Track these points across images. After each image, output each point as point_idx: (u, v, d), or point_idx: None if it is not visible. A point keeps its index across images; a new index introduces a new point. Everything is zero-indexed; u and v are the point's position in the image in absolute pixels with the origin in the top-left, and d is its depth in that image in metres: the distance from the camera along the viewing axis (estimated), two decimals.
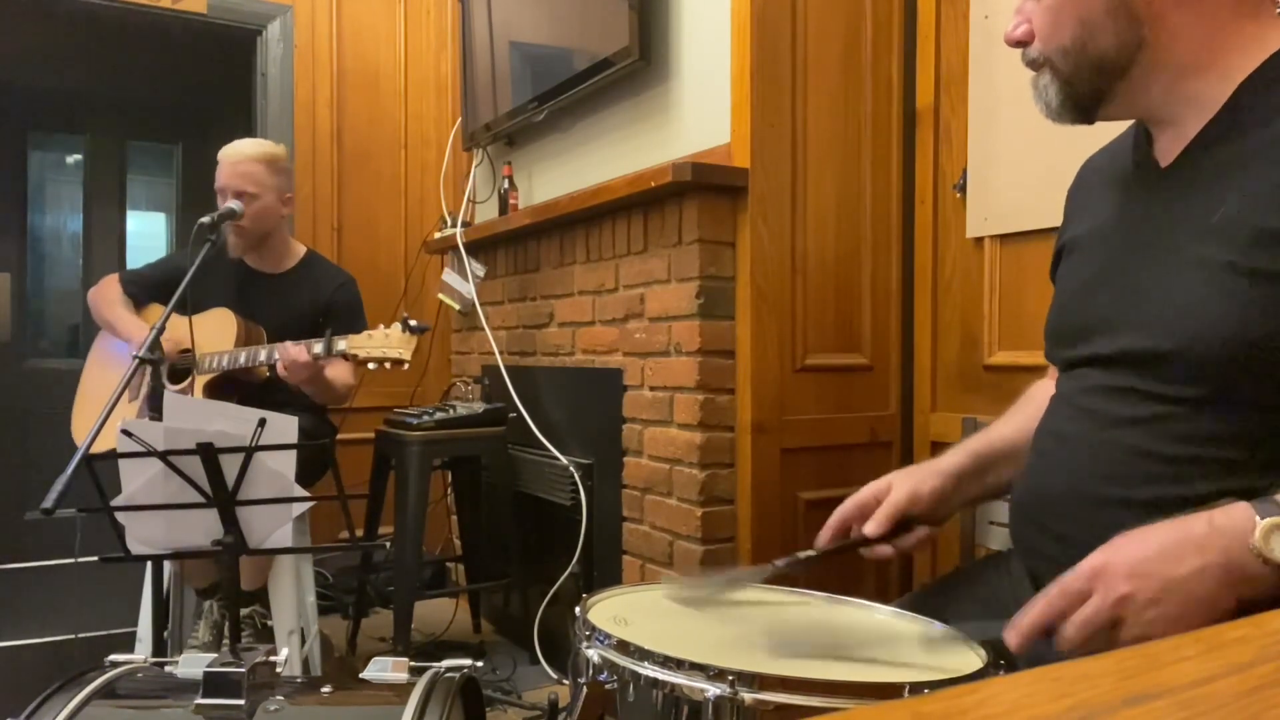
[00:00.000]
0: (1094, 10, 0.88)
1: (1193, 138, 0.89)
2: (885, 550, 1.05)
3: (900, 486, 1.06)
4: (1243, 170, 0.84)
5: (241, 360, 2.14)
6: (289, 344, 2.06)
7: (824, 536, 1.09)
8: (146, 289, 2.40)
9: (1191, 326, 0.83)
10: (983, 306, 1.92)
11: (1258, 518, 0.71)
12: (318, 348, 2.02)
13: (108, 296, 2.38)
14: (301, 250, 2.47)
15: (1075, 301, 1.00)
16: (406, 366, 1.98)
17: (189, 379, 2.21)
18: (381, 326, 1.97)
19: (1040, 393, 1.10)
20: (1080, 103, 0.93)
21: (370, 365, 1.96)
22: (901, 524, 1.05)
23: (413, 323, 1.96)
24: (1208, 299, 0.82)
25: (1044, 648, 0.77)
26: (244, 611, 2.28)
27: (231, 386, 2.22)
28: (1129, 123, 1.03)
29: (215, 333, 2.23)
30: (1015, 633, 0.78)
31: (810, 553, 1.05)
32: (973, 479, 1.09)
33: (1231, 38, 0.86)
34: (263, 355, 2.11)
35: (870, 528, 1.04)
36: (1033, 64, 0.94)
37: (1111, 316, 0.92)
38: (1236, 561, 0.71)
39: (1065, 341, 1.00)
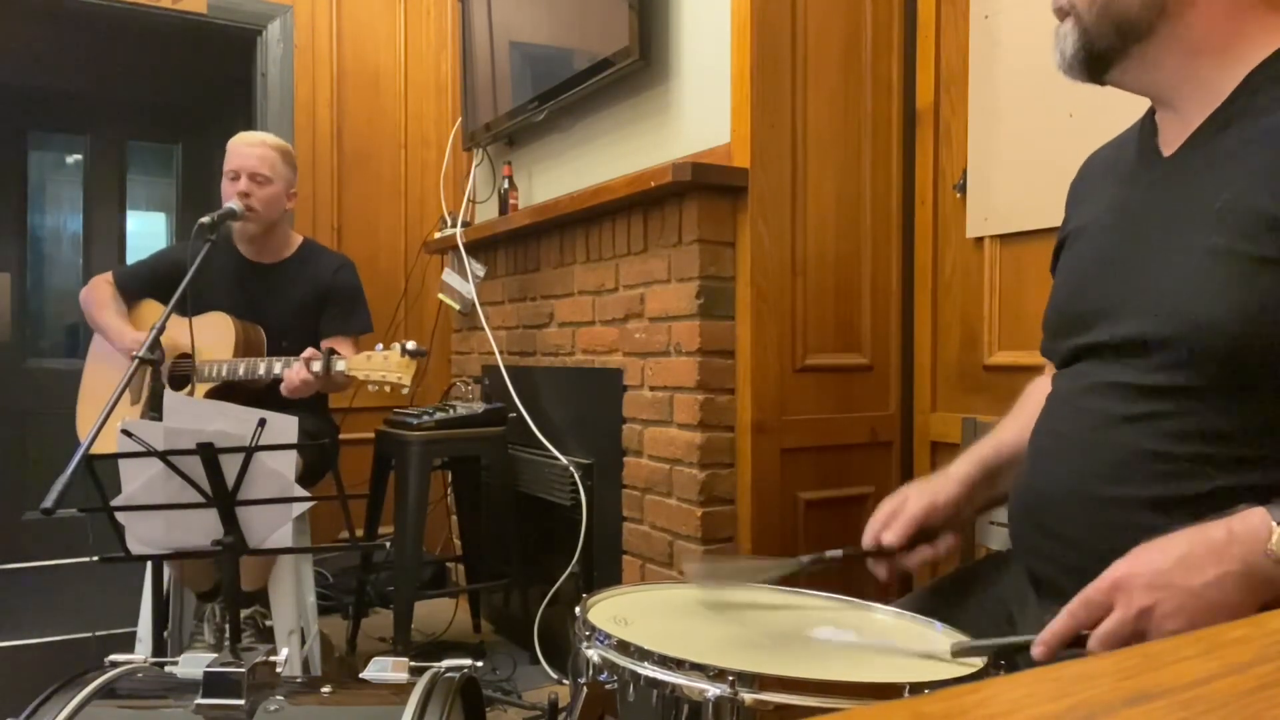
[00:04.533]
0: None
1: (1197, 126, 0.89)
2: (911, 561, 1.06)
3: (916, 498, 1.07)
4: (1245, 157, 0.84)
5: (241, 372, 2.14)
6: (293, 368, 2.06)
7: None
8: (141, 284, 2.40)
9: (1192, 313, 0.82)
10: (983, 306, 1.92)
11: (1274, 523, 0.72)
12: (316, 366, 2.02)
13: (99, 299, 2.36)
14: (298, 239, 2.47)
15: (1075, 290, 1.00)
16: (406, 391, 1.98)
17: (189, 386, 2.20)
18: (380, 348, 1.98)
19: (1038, 391, 1.10)
20: (1093, 59, 0.93)
21: (370, 387, 1.98)
22: (922, 534, 1.06)
23: (410, 346, 1.96)
24: (1209, 286, 0.82)
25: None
26: (245, 612, 2.28)
27: (233, 393, 2.21)
28: (1133, 120, 1.03)
29: (213, 340, 2.22)
30: (1042, 646, 0.78)
31: (836, 552, 1.05)
32: (983, 487, 1.10)
33: (1251, 24, 0.86)
34: (262, 369, 2.11)
35: (889, 537, 1.05)
36: (1059, 11, 0.95)
37: (1111, 304, 0.92)
38: (1255, 568, 0.72)
39: (1064, 331, 1.00)
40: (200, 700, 1.14)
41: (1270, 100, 0.84)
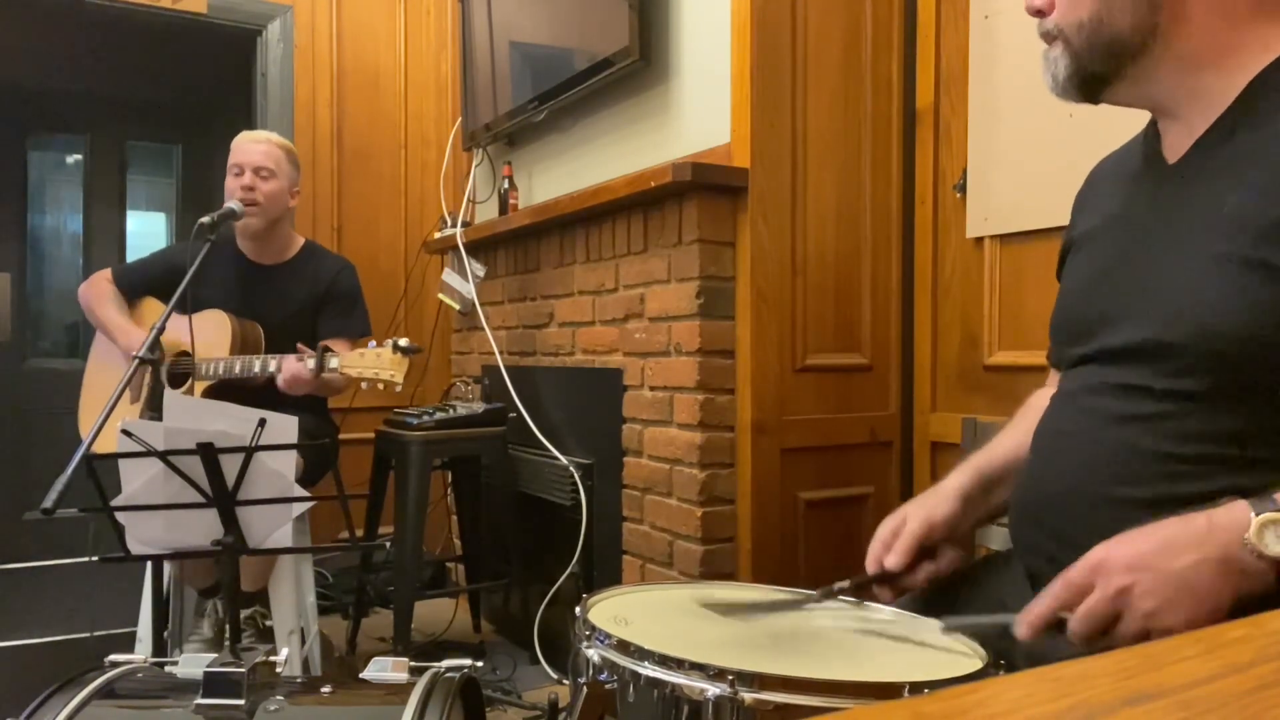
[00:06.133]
0: None
1: (1202, 133, 0.89)
2: (915, 581, 1.06)
3: (914, 517, 1.06)
4: (1251, 164, 0.83)
5: (238, 369, 2.14)
6: (289, 361, 2.06)
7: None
8: (141, 284, 2.40)
9: (1197, 318, 0.83)
10: (983, 306, 1.92)
11: (1253, 514, 0.73)
12: (312, 363, 2.02)
13: (99, 295, 2.37)
14: (300, 241, 2.47)
15: (1080, 296, 1.00)
16: (399, 389, 1.98)
17: (188, 384, 2.21)
18: (373, 345, 1.98)
19: (1039, 401, 1.09)
20: (1087, 80, 0.92)
21: (363, 384, 1.98)
22: (924, 552, 1.05)
23: (403, 343, 1.95)
24: (1215, 291, 0.82)
25: (1047, 646, 0.78)
26: (245, 612, 2.29)
27: (231, 391, 2.22)
28: (1136, 126, 1.02)
29: (211, 337, 2.22)
30: (1025, 626, 0.80)
31: (844, 583, 1.05)
32: (980, 499, 1.09)
33: (1247, 35, 0.86)
34: (257, 366, 2.11)
35: (891, 561, 1.04)
36: (1046, 35, 0.94)
37: (1117, 310, 0.92)
38: (1233, 556, 0.73)
39: (1070, 337, 1.00)
40: (200, 700, 1.14)
41: (1275, 106, 0.84)
